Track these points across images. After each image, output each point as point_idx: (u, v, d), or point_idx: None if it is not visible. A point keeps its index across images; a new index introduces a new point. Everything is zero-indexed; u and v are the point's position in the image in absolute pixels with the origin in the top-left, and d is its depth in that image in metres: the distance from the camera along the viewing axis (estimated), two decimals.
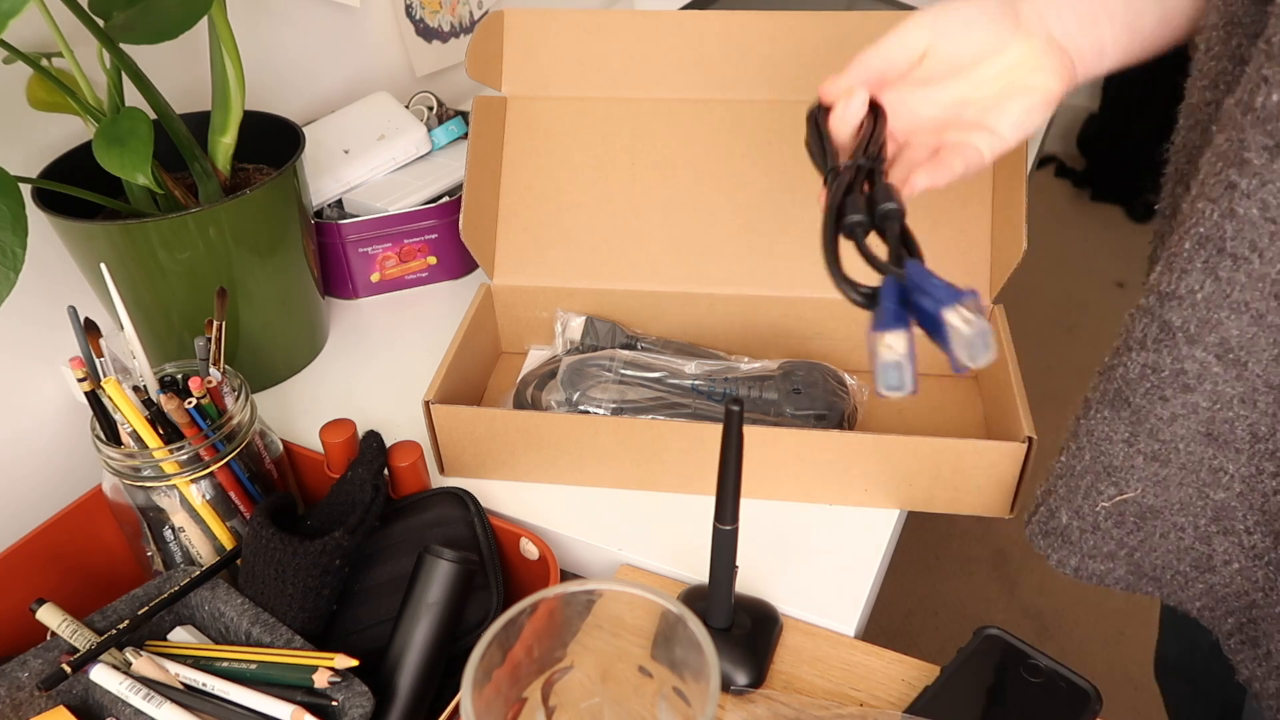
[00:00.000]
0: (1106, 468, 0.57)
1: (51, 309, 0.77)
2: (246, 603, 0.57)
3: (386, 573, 0.61)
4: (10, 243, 0.56)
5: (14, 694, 0.53)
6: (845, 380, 0.73)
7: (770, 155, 0.77)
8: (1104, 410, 0.55)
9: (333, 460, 0.66)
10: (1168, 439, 0.53)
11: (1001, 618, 1.67)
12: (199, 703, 0.52)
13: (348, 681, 0.52)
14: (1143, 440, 0.54)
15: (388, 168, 0.94)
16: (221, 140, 0.74)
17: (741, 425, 0.47)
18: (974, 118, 0.57)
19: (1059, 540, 0.61)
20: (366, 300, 0.93)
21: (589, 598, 0.45)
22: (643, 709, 0.46)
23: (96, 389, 0.58)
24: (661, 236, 0.78)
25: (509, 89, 0.80)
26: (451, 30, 1.20)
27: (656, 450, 0.67)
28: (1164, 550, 0.58)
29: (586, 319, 0.78)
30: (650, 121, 0.78)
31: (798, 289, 0.76)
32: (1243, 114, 0.45)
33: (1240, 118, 0.45)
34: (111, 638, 0.54)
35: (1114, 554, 0.60)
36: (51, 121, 0.75)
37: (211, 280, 0.71)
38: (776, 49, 0.77)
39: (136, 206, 0.73)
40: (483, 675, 0.41)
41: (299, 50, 1.00)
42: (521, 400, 0.74)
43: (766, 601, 0.60)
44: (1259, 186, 0.44)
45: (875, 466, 0.65)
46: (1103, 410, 0.56)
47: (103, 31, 0.65)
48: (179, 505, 0.61)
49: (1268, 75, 0.43)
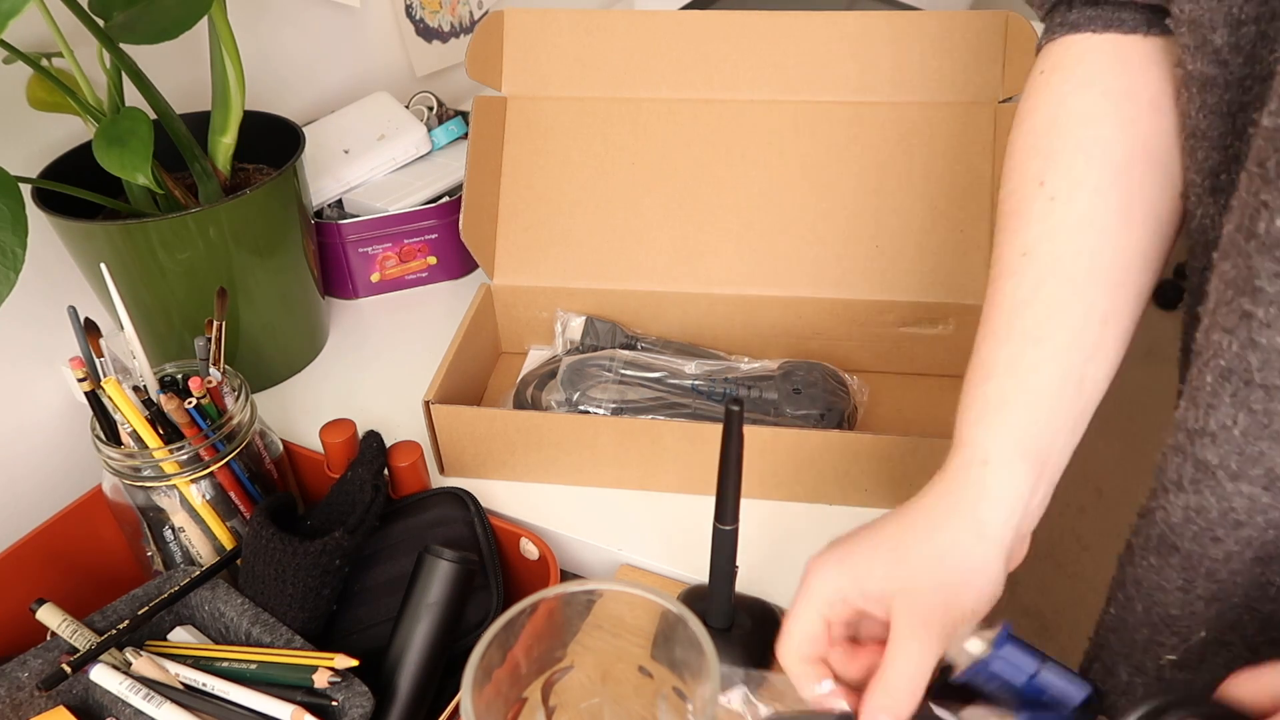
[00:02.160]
0: (1164, 619, 0.53)
1: (51, 309, 0.76)
2: (246, 603, 0.57)
3: (386, 573, 0.61)
4: (10, 243, 0.56)
5: (14, 694, 0.53)
6: (845, 380, 0.73)
7: (770, 155, 0.77)
8: (1150, 558, 0.52)
9: (333, 460, 0.66)
10: (1224, 578, 0.50)
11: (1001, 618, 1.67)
12: (199, 703, 0.52)
13: (348, 681, 0.52)
14: (1200, 584, 0.51)
15: (388, 168, 0.94)
16: (221, 140, 0.74)
17: (741, 425, 0.47)
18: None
19: (1120, 694, 0.56)
20: (366, 300, 0.93)
21: (589, 598, 0.44)
22: (643, 709, 0.46)
23: (96, 389, 0.58)
24: (661, 236, 0.78)
25: (509, 89, 0.80)
26: (451, 30, 1.20)
27: (656, 450, 0.67)
28: (1212, 670, 0.54)
29: (586, 319, 0.78)
30: (650, 121, 0.78)
31: (798, 289, 0.76)
32: (1246, 240, 0.43)
33: (1244, 244, 0.43)
34: (111, 638, 0.54)
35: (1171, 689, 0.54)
36: (51, 121, 0.75)
37: (211, 280, 0.71)
38: (776, 49, 0.77)
39: (136, 206, 0.73)
40: (483, 675, 0.41)
41: (299, 50, 1.00)
42: (521, 400, 0.74)
43: (766, 601, 0.60)
44: (1277, 315, 0.42)
45: (875, 466, 0.65)
46: (1149, 558, 0.52)
47: (103, 31, 0.65)
48: (179, 505, 0.61)
49: (1267, 201, 0.41)
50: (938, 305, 0.75)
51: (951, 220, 0.74)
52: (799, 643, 0.45)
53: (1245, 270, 0.43)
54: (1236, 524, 0.48)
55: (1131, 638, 0.55)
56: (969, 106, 0.75)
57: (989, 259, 0.74)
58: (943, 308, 0.75)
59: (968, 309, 0.74)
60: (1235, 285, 0.44)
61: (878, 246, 0.75)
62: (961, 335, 0.76)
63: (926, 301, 0.75)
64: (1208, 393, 0.46)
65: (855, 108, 0.76)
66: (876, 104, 0.76)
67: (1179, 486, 0.49)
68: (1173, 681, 0.55)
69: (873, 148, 0.76)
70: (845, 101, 0.76)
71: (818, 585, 0.46)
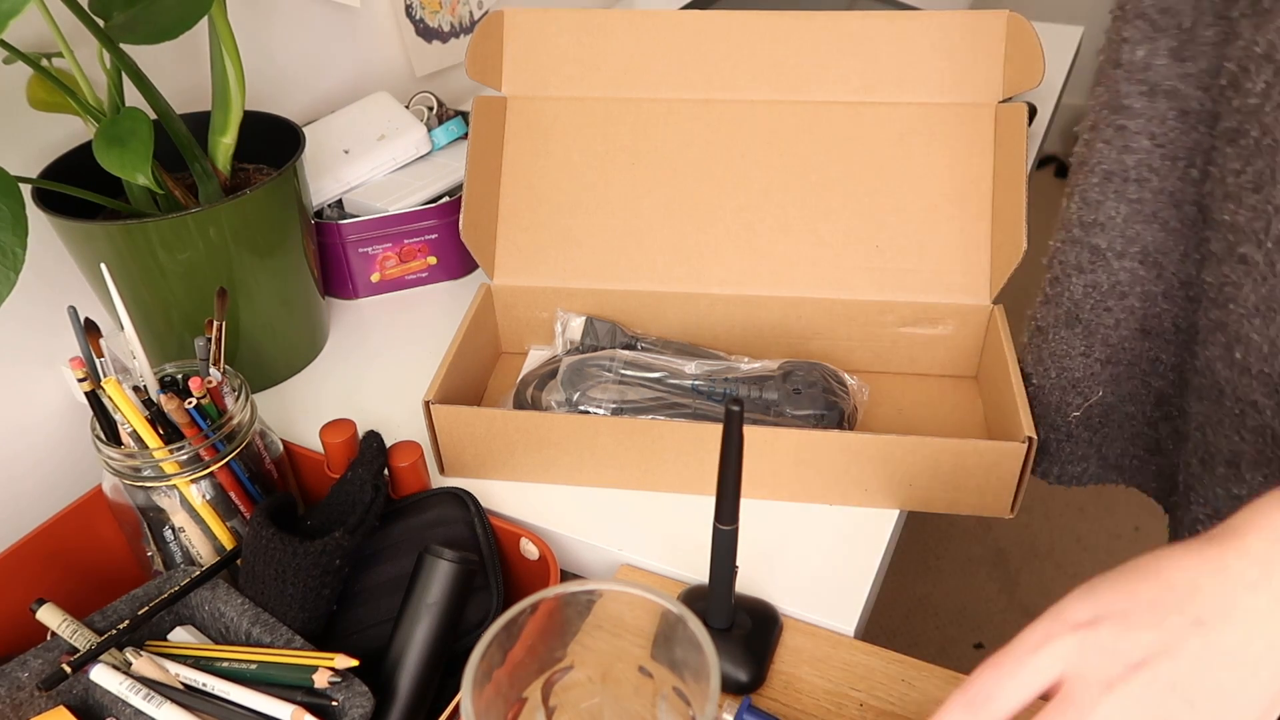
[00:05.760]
0: (1070, 382, 0.66)
1: (51, 309, 0.77)
2: (246, 603, 0.57)
3: (386, 573, 0.61)
4: (10, 243, 0.56)
5: (14, 694, 0.53)
6: (845, 380, 0.73)
7: (770, 155, 0.77)
8: (1061, 331, 0.65)
9: (333, 460, 0.66)
10: (1115, 342, 0.63)
11: (1001, 618, 1.67)
12: (199, 703, 0.52)
13: (348, 681, 0.52)
14: (1097, 349, 0.64)
15: (388, 168, 0.94)
16: (221, 140, 0.74)
17: (741, 425, 0.47)
18: None
19: (1040, 455, 0.69)
20: (366, 300, 0.93)
21: (589, 598, 0.45)
22: (643, 709, 0.46)
23: (96, 389, 0.58)
24: (661, 236, 0.78)
25: (509, 89, 0.80)
26: (451, 30, 1.20)
27: (656, 450, 0.67)
28: (1122, 439, 0.67)
29: (586, 319, 0.78)
30: (650, 121, 0.78)
31: (798, 289, 0.76)
32: (1113, 68, 0.56)
33: (1112, 71, 0.56)
34: (111, 638, 0.54)
35: (1086, 455, 0.68)
36: (51, 121, 0.75)
37: (211, 280, 0.71)
38: (777, 49, 0.77)
39: (136, 206, 0.73)
40: (483, 675, 0.41)
41: (299, 50, 1.00)
42: (521, 400, 0.74)
43: (766, 601, 0.60)
44: (1145, 124, 0.56)
45: (875, 466, 0.65)
46: (1060, 332, 0.65)
47: (103, 31, 0.65)
48: (179, 505, 0.61)
49: (1127, 36, 0.55)
50: (938, 305, 0.75)
51: (951, 220, 0.74)
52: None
53: (1115, 93, 0.57)
54: (1122, 295, 0.61)
55: (1046, 401, 0.68)
56: (969, 107, 0.75)
57: (989, 259, 0.74)
58: (943, 308, 0.75)
59: (968, 309, 0.74)
60: (1110, 105, 0.57)
61: (878, 246, 0.75)
62: (961, 335, 0.76)
63: (926, 301, 0.75)
64: (1095, 192, 0.60)
65: (855, 108, 0.76)
66: (877, 104, 0.76)
67: (1079, 269, 0.62)
68: (1078, 438, 0.67)
69: (873, 148, 0.76)
70: (845, 101, 0.76)
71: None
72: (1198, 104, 0.54)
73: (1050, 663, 0.37)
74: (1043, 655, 0.38)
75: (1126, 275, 0.60)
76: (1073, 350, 0.65)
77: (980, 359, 0.77)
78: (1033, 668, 0.38)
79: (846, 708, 0.55)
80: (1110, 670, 0.36)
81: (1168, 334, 0.61)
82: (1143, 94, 0.55)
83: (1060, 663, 0.37)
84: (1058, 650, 0.37)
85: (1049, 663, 0.37)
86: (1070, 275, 0.63)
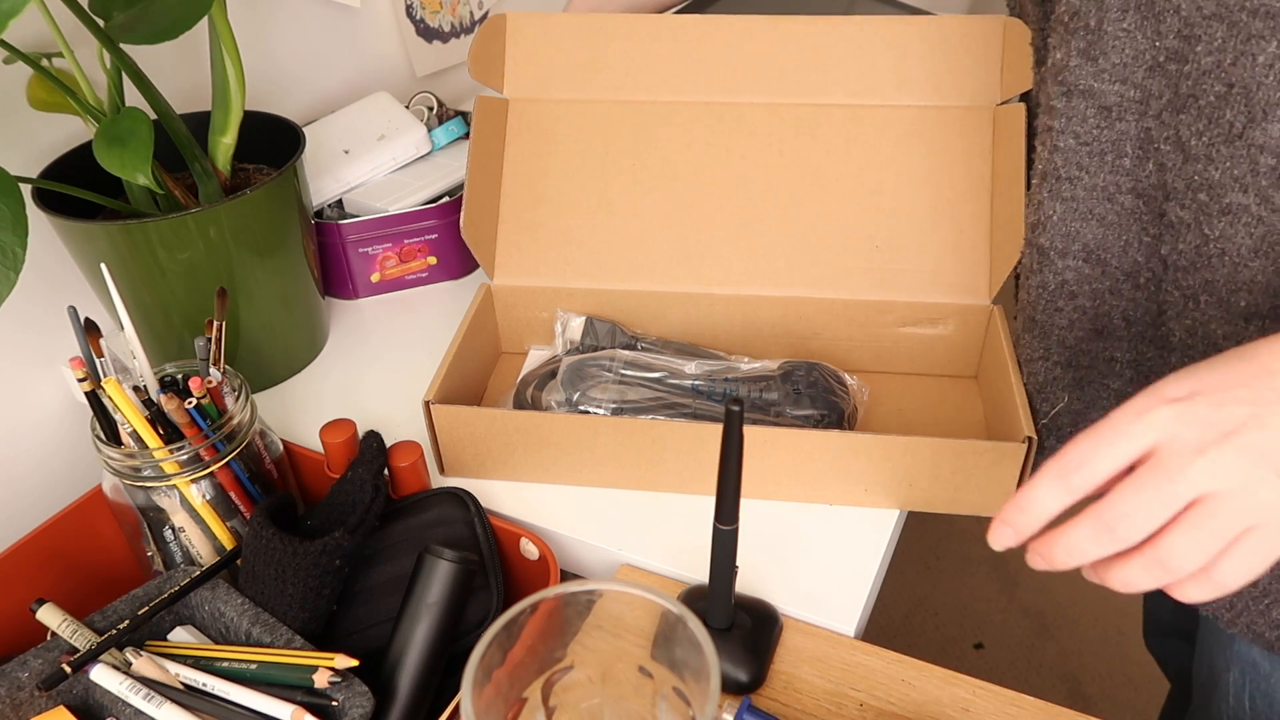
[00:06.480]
0: (1036, 387, 0.66)
1: (51, 309, 0.77)
2: (246, 603, 0.57)
3: (386, 573, 0.61)
4: (10, 243, 0.56)
5: (14, 694, 0.53)
6: (845, 380, 0.73)
7: (770, 157, 0.77)
8: (1025, 336, 0.66)
9: (333, 460, 0.66)
10: (1072, 344, 0.63)
11: (1001, 618, 1.67)
12: (199, 703, 0.52)
13: (348, 681, 0.52)
14: (1055, 351, 0.64)
15: (388, 168, 0.94)
16: (221, 140, 0.74)
17: (742, 425, 0.47)
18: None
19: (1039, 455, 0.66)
20: (366, 300, 0.93)
21: (589, 598, 0.45)
22: (643, 709, 0.46)
23: (96, 389, 0.58)
24: (661, 237, 0.78)
25: (511, 91, 0.80)
26: (452, 30, 1.20)
27: (656, 450, 0.67)
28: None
29: (586, 319, 0.78)
30: (651, 124, 0.79)
31: (798, 289, 0.76)
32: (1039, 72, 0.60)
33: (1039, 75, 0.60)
34: (111, 638, 0.54)
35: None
36: (51, 121, 0.75)
37: (211, 280, 0.71)
38: (776, 53, 0.77)
39: (136, 206, 0.73)
40: (483, 675, 0.41)
41: (299, 50, 1.00)
42: (521, 400, 0.74)
43: (766, 601, 0.60)
44: (1067, 123, 0.57)
45: (875, 466, 0.65)
46: (1024, 336, 0.66)
47: (103, 31, 0.65)
48: (179, 505, 0.61)
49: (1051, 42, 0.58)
50: (938, 305, 0.75)
51: (951, 221, 0.74)
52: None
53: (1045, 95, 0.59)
54: (1071, 294, 0.62)
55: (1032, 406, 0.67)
56: (967, 110, 0.75)
57: (988, 259, 0.74)
58: (943, 308, 0.75)
59: (967, 309, 0.74)
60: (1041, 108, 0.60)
61: (877, 246, 0.75)
62: (961, 335, 0.76)
63: (926, 301, 0.75)
64: (1036, 193, 0.62)
65: (854, 110, 0.76)
66: (875, 107, 0.76)
67: (1030, 271, 0.64)
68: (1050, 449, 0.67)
69: (872, 150, 0.76)
70: (844, 104, 0.77)
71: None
72: (1116, 98, 0.55)
73: (1145, 430, 0.39)
74: (1139, 424, 0.40)
75: (1072, 274, 0.61)
76: (1034, 355, 0.65)
77: (980, 359, 0.77)
78: (1128, 435, 0.40)
79: (846, 708, 0.55)
80: (1204, 437, 0.39)
81: (1119, 331, 0.61)
82: (1062, 94, 0.57)
83: (1155, 432, 0.39)
84: (1153, 420, 0.39)
85: (1144, 430, 0.39)
86: (1026, 277, 0.64)
